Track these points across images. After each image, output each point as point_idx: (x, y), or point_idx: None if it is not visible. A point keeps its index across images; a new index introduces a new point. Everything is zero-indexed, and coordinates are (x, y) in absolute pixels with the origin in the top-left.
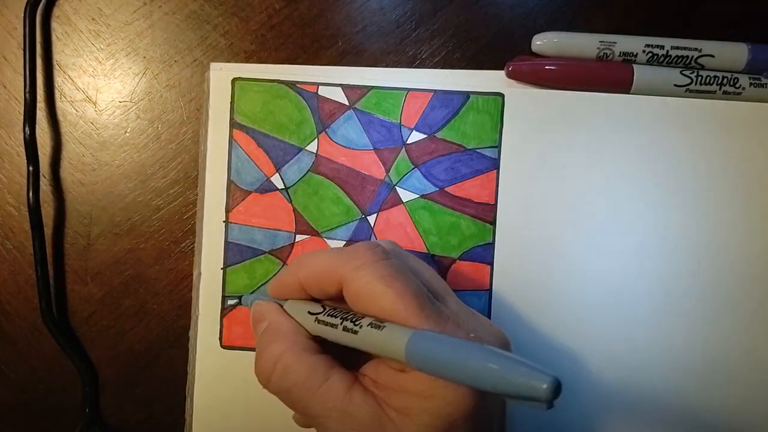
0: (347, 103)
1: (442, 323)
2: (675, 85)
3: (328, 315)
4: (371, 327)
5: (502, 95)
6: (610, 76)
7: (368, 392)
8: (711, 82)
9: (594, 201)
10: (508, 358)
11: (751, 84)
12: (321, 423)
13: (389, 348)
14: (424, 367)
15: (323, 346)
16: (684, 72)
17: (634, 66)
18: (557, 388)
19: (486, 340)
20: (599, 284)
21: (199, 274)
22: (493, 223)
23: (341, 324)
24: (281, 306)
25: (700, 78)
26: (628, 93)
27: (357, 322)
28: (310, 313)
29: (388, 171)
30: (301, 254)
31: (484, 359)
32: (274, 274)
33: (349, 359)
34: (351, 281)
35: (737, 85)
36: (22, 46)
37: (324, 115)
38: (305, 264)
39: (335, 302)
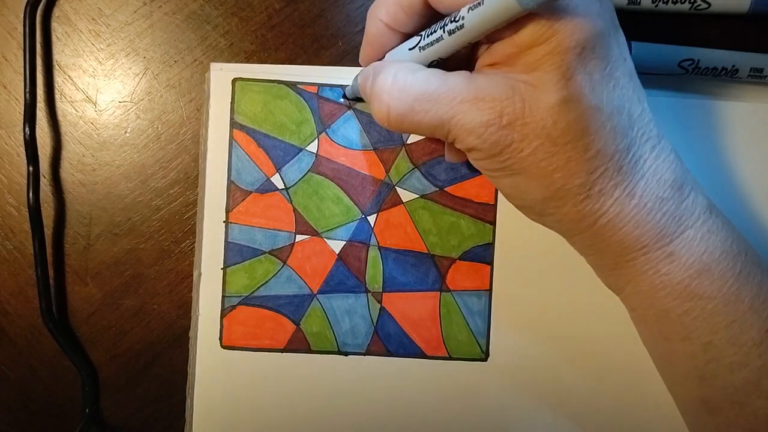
0: (347, 104)
1: None
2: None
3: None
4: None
5: None
6: None
7: (488, 73)
8: (708, 74)
9: None
10: None
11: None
12: (455, 124)
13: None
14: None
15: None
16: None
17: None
18: None
19: None
20: (599, 283)
21: (200, 274)
22: (493, 223)
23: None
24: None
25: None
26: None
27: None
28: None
29: (388, 171)
30: (373, 4)
31: None
32: (275, 275)
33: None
34: None
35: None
36: (22, 47)
37: (324, 115)
38: (379, 4)
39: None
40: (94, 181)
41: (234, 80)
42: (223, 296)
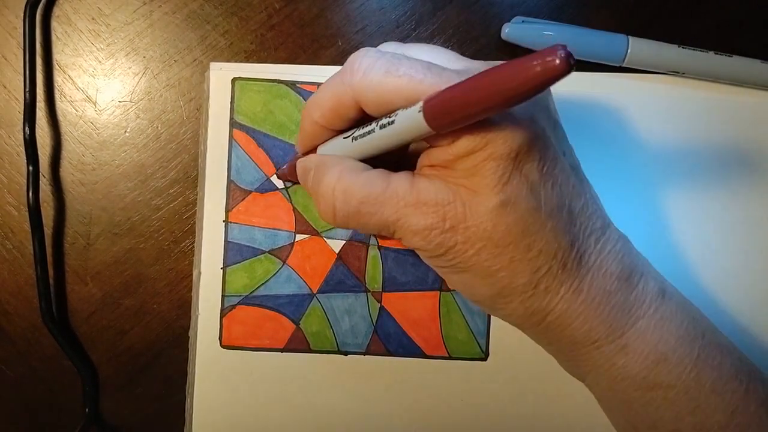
0: (283, 184)
1: (463, 78)
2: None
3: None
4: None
5: None
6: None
7: (431, 176)
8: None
9: None
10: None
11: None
12: (400, 226)
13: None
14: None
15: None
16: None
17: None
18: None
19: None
20: None
21: (199, 273)
22: None
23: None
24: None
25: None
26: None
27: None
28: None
29: None
30: (308, 100)
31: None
32: (274, 274)
33: (399, 170)
34: (362, 93)
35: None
36: (22, 46)
37: None
38: (315, 105)
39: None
40: (94, 180)
41: (234, 80)
42: (223, 296)
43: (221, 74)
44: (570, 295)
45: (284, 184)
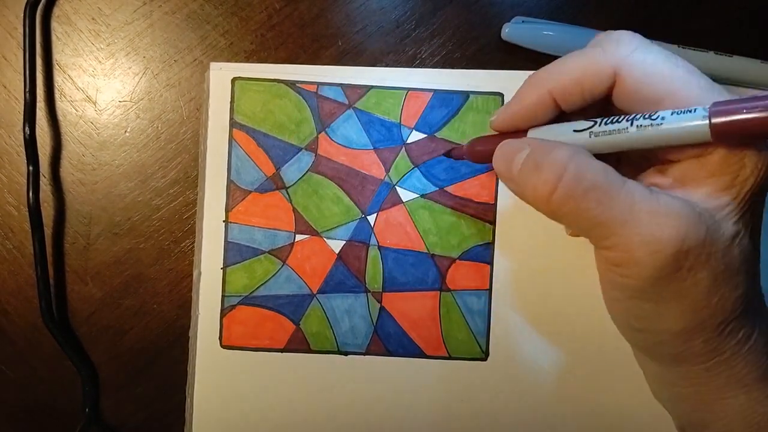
0: (347, 103)
1: (731, 95)
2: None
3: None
4: (674, 114)
5: (501, 95)
6: None
7: (667, 190)
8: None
9: None
10: None
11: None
12: (624, 232)
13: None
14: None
15: None
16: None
17: None
18: None
19: None
20: (599, 283)
21: (199, 273)
22: (493, 222)
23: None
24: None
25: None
26: None
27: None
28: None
29: (387, 171)
30: (539, 70)
31: None
32: (274, 274)
33: None
34: (632, 66)
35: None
36: (22, 46)
37: (324, 114)
38: (557, 71)
39: (579, 116)
40: (94, 180)
41: (234, 80)
42: (223, 296)
43: (221, 74)
44: (743, 339)
45: (284, 184)
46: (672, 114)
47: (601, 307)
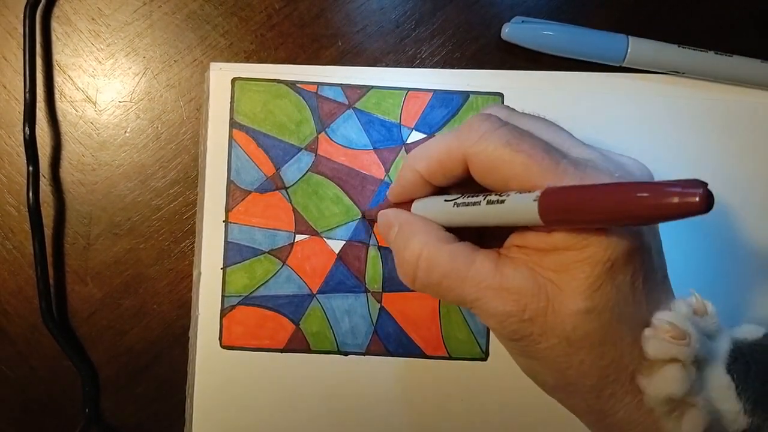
0: (347, 103)
1: (580, 173)
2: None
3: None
4: (516, 194)
5: (501, 95)
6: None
7: (518, 260)
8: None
9: None
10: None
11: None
12: (477, 306)
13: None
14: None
15: (458, 235)
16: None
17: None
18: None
19: (632, 176)
20: None
21: (199, 274)
22: None
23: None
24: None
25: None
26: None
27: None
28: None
29: (387, 171)
30: (412, 151)
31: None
32: (274, 274)
33: (484, 244)
34: (476, 155)
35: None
36: (22, 46)
37: (324, 114)
38: (422, 155)
39: (457, 189)
40: (93, 180)
41: (233, 80)
42: (223, 296)
43: (221, 74)
44: (634, 405)
45: (284, 184)
46: (514, 194)
47: None
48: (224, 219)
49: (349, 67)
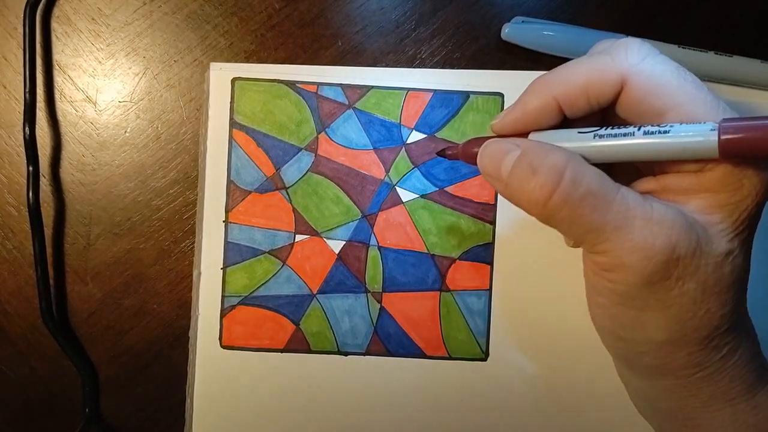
0: (347, 103)
1: (735, 114)
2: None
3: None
4: (684, 124)
5: (501, 95)
6: None
7: (662, 199)
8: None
9: None
10: None
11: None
12: (620, 238)
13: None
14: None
15: None
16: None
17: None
18: None
19: None
20: None
21: (199, 274)
22: (493, 223)
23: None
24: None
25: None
26: None
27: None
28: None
29: (387, 171)
30: (543, 75)
31: None
32: (274, 275)
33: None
34: (640, 74)
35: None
36: (22, 47)
37: (324, 114)
38: (562, 78)
39: (587, 121)
40: (94, 181)
41: (233, 80)
42: (223, 296)
43: (221, 74)
44: (727, 355)
45: (284, 184)
46: (681, 126)
47: None
48: (224, 219)
49: (349, 67)
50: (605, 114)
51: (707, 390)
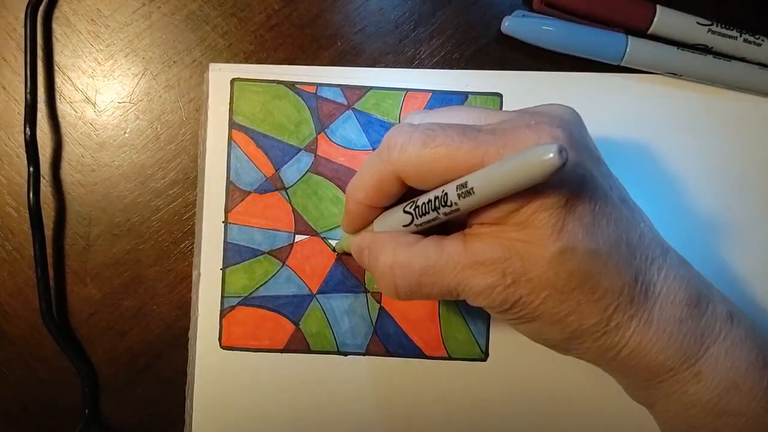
0: (346, 104)
1: (500, 137)
2: (698, 23)
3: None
4: (461, 194)
5: (500, 95)
6: (631, 10)
7: (483, 235)
8: (731, 27)
9: None
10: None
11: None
12: (462, 290)
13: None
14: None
15: (424, 232)
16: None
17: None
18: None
19: (555, 119)
20: None
21: (199, 274)
22: None
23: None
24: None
25: (720, 23)
26: (647, 32)
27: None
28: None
29: None
30: (349, 183)
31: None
32: (274, 275)
33: (450, 232)
34: (404, 169)
35: (757, 37)
36: (23, 48)
37: (323, 115)
38: (358, 186)
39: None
40: (93, 181)
41: (233, 80)
42: (223, 296)
43: (220, 75)
44: (642, 328)
45: (283, 185)
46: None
47: None
48: (224, 219)
49: (348, 68)
50: None
51: (641, 366)
